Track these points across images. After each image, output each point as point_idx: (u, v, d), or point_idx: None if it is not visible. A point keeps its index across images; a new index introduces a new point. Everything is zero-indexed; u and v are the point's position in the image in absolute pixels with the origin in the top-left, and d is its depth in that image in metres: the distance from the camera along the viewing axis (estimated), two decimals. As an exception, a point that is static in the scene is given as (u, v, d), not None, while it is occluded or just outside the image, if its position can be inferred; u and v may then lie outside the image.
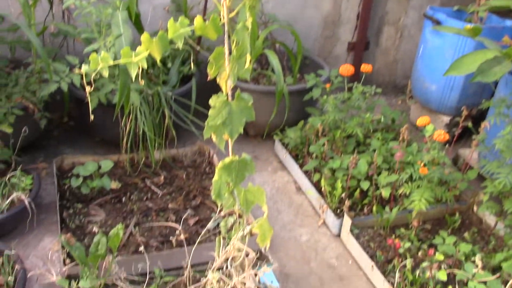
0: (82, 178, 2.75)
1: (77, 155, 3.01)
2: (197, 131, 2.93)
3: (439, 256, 2.30)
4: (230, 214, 2.43)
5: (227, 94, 1.51)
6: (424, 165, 2.49)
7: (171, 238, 2.50)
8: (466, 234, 2.59)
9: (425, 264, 2.22)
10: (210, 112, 1.50)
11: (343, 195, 2.72)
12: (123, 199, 2.76)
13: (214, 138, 1.58)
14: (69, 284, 2.04)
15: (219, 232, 2.44)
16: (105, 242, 2.09)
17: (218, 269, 2.12)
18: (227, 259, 2.13)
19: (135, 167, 3.01)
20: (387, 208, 2.69)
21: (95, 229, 2.51)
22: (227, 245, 2.08)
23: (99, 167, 2.82)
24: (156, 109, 2.93)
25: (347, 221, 2.60)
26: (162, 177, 2.96)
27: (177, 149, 3.17)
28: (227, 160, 1.62)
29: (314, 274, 2.46)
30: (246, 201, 1.94)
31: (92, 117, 1.96)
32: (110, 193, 2.78)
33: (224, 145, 1.61)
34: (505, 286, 2.11)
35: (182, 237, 2.48)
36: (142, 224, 2.59)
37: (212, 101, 1.49)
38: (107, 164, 2.83)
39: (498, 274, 2.18)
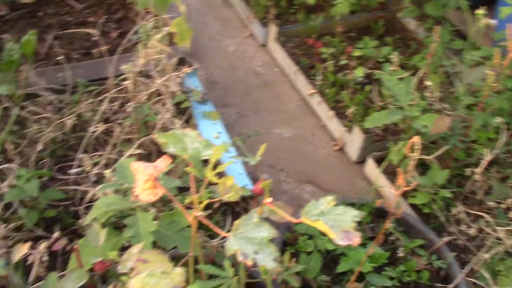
0: (-10, -9, 2.55)
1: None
2: None
3: (357, 52, 2.36)
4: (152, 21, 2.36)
5: None
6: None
7: (92, 50, 2.43)
8: (388, 39, 2.65)
9: (344, 62, 2.28)
10: None
11: (270, 4, 2.67)
12: (39, 13, 2.61)
13: None
14: (-14, 92, 1.99)
15: (143, 42, 2.39)
16: (17, 48, 2.01)
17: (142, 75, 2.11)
18: (149, 64, 2.11)
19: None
20: (313, 16, 2.67)
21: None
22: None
23: (9, -20, 2.60)
24: None
25: (273, 29, 2.59)
26: (80, -9, 2.79)
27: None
28: None
29: (241, 81, 2.50)
30: (160, -1, 1.88)
31: None
32: (24, 8, 2.61)
33: None
34: (420, 83, 2.22)
35: (104, 48, 2.41)
36: (61, 38, 2.49)
37: None
38: (17, -24, 2.62)
39: (412, 71, 2.28)
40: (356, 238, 0.82)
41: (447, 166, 1.91)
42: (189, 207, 1.08)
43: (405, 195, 1.91)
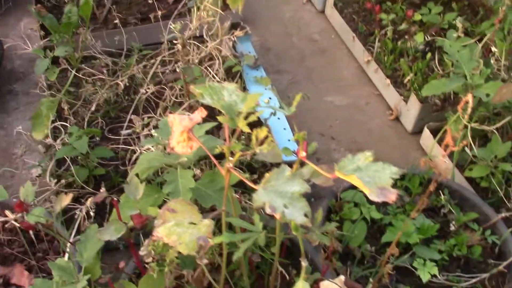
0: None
1: None
2: None
3: (417, 16, 2.24)
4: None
5: None
6: None
7: (149, 15, 2.45)
8: (454, 5, 2.49)
9: (403, 26, 2.16)
10: None
11: (329, -32, 2.58)
12: (99, -21, 2.65)
13: None
14: (45, 53, 2.04)
15: (198, 7, 2.37)
16: (76, 11, 2.04)
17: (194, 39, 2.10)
18: (202, 27, 2.10)
19: None
20: (374, -19, 2.56)
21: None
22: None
23: None
24: None
25: (331, -6, 2.51)
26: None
27: None
28: None
29: (296, 48, 2.45)
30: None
31: None
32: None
33: None
34: (488, 52, 2.07)
35: (159, 13, 2.42)
36: (119, 3, 2.52)
37: None
38: None
39: (478, 37, 2.13)
40: (392, 195, 0.77)
41: (510, 138, 1.79)
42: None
43: (461, 168, 1.80)
